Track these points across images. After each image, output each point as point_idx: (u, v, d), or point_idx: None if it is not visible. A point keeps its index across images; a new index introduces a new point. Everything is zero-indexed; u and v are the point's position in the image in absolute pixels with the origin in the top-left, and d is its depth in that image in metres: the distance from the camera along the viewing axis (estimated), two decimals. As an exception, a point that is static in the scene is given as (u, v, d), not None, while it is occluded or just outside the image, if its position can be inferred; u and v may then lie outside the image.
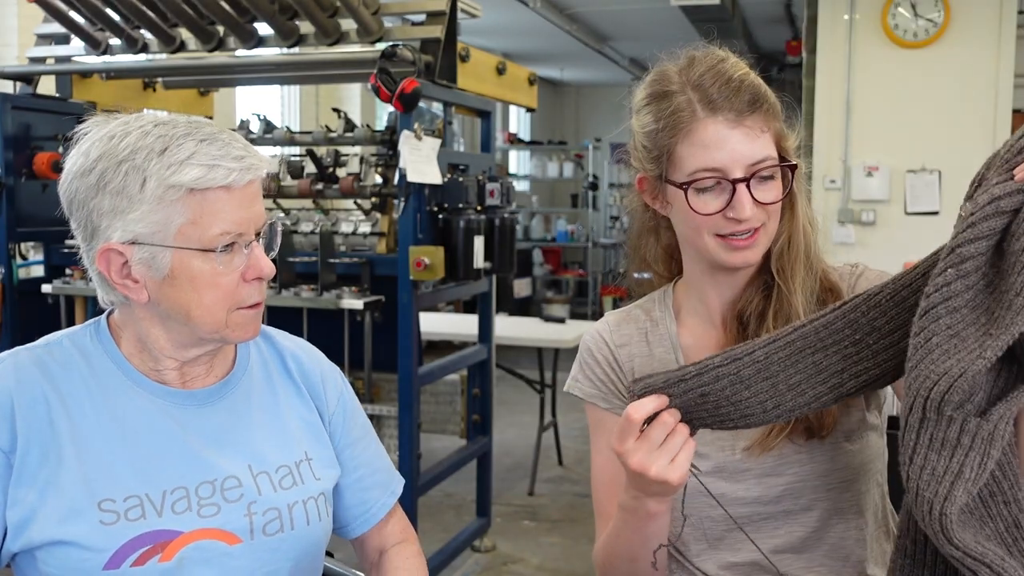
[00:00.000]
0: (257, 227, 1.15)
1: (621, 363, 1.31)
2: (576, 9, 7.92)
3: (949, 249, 0.94)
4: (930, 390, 0.91)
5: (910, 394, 0.93)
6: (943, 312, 0.93)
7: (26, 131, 3.52)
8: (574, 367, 1.36)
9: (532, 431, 5.13)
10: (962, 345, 0.92)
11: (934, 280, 0.94)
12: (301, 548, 1.21)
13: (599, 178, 11.43)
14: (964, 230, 0.93)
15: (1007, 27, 5.28)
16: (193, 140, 1.10)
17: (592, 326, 1.37)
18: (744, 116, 1.15)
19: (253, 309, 1.17)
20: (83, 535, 1.08)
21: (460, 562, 3.85)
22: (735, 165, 1.15)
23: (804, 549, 1.23)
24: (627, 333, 1.33)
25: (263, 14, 3.22)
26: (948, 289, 0.93)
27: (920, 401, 0.92)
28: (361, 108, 7.83)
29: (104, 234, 1.11)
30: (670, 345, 1.30)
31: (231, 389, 1.23)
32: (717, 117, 1.15)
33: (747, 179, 1.15)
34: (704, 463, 1.22)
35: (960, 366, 0.90)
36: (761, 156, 1.16)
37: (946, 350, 0.92)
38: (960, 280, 0.92)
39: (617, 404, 1.30)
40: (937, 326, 0.93)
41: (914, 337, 0.94)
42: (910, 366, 0.94)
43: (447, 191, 3.24)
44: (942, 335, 0.92)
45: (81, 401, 1.14)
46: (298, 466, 1.24)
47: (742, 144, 1.15)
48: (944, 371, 0.91)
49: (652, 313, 1.34)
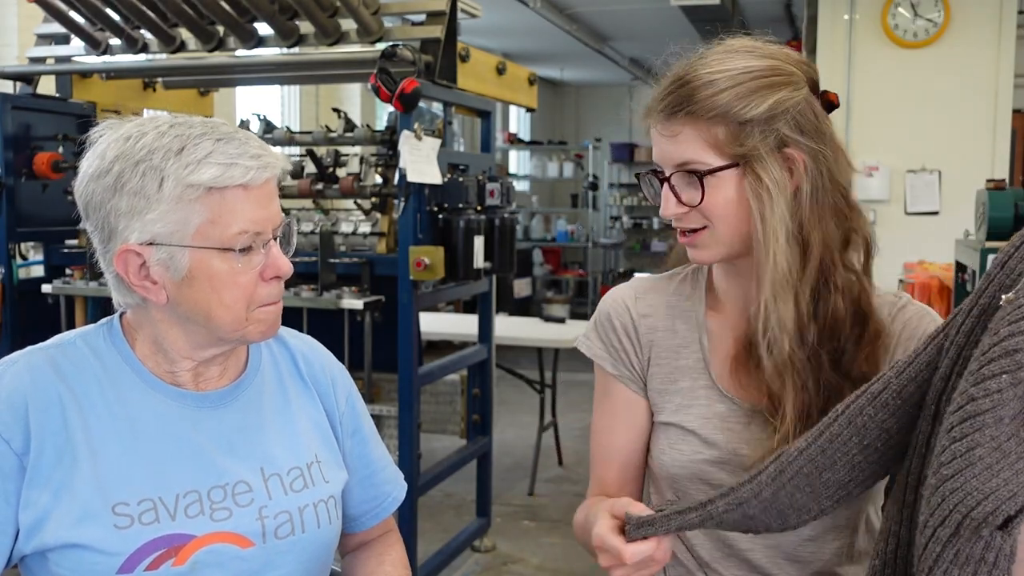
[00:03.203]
0: (275, 226, 1.15)
1: (640, 333, 1.29)
2: (576, 9, 7.92)
3: (1004, 351, 0.87)
4: (972, 508, 0.86)
5: (945, 506, 0.88)
6: (990, 421, 0.87)
7: (26, 131, 3.52)
8: (589, 325, 1.34)
9: (532, 431, 5.13)
10: (1005, 461, 0.87)
11: (984, 383, 0.87)
12: (312, 551, 1.21)
13: (599, 178, 11.44)
14: (1020, 328, 0.86)
15: (1007, 27, 5.29)
16: (210, 139, 1.10)
17: (616, 289, 1.34)
18: (670, 118, 1.16)
19: (273, 307, 1.17)
20: (97, 539, 1.08)
21: (460, 562, 3.85)
22: (663, 163, 1.18)
23: (797, 556, 1.23)
24: (652, 303, 1.31)
25: (263, 14, 3.22)
26: (999, 396, 0.87)
27: (957, 517, 0.87)
28: (361, 108, 7.84)
29: (122, 235, 1.10)
30: (695, 324, 1.28)
31: (243, 391, 1.23)
32: (654, 118, 1.19)
33: (667, 178, 1.17)
34: (709, 451, 1.22)
35: (1008, 488, 0.85)
36: (684, 158, 1.16)
37: (989, 464, 0.86)
38: (1012, 388, 0.86)
39: (625, 374, 1.29)
40: (982, 436, 0.87)
41: (953, 442, 0.88)
42: (947, 473, 0.88)
43: (447, 191, 3.24)
44: (986, 447, 0.87)
45: (95, 402, 1.13)
46: (309, 468, 1.24)
47: (666, 144, 1.17)
48: (991, 490, 0.86)
49: (683, 288, 1.32)
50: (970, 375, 0.89)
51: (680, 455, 1.24)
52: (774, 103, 1.14)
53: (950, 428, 0.89)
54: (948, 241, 3.95)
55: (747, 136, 1.14)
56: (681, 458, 1.24)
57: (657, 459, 1.27)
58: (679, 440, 1.24)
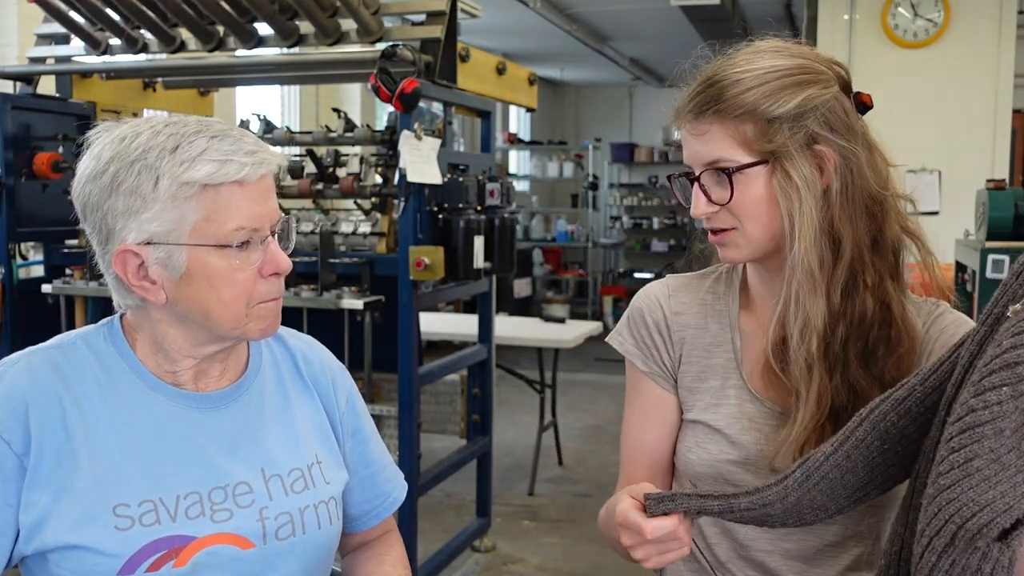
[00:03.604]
0: (272, 222, 1.14)
1: (672, 331, 1.28)
2: (576, 9, 7.92)
3: (1004, 363, 0.87)
4: (967, 519, 0.86)
5: (941, 516, 0.88)
6: (989, 433, 0.87)
7: (26, 131, 3.52)
8: (621, 321, 1.33)
9: (532, 431, 5.13)
10: (1003, 474, 0.87)
11: (984, 395, 0.87)
12: (312, 552, 1.21)
13: (599, 178, 11.44)
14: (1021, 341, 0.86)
15: (1007, 27, 5.29)
16: (204, 137, 1.10)
17: (650, 286, 1.34)
18: (699, 117, 1.17)
19: (272, 303, 1.16)
20: (98, 540, 1.08)
21: (460, 562, 3.85)
22: (693, 163, 1.19)
23: (816, 562, 1.22)
24: (685, 301, 1.30)
25: (263, 14, 3.22)
26: (999, 408, 0.87)
27: (952, 527, 0.87)
28: (361, 108, 7.83)
29: (119, 236, 1.10)
30: (728, 324, 1.27)
31: (244, 391, 1.23)
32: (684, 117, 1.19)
33: (696, 177, 1.18)
34: (735, 451, 1.21)
35: (1005, 500, 0.85)
36: (713, 157, 1.16)
37: (987, 476, 0.86)
38: (1013, 400, 0.86)
39: (656, 371, 1.29)
40: (980, 447, 0.87)
41: (951, 452, 0.88)
42: (944, 483, 0.88)
43: (447, 191, 3.24)
44: (985, 458, 0.87)
45: (95, 403, 1.13)
46: (310, 469, 1.24)
47: (695, 143, 1.18)
48: (987, 502, 0.86)
49: (716, 287, 1.31)
50: (972, 386, 0.89)
51: (706, 454, 1.23)
52: (803, 100, 1.13)
53: (950, 438, 0.89)
54: (948, 241, 3.95)
55: (776, 133, 1.13)
56: (707, 456, 1.23)
57: (683, 456, 1.27)
58: (706, 439, 1.24)
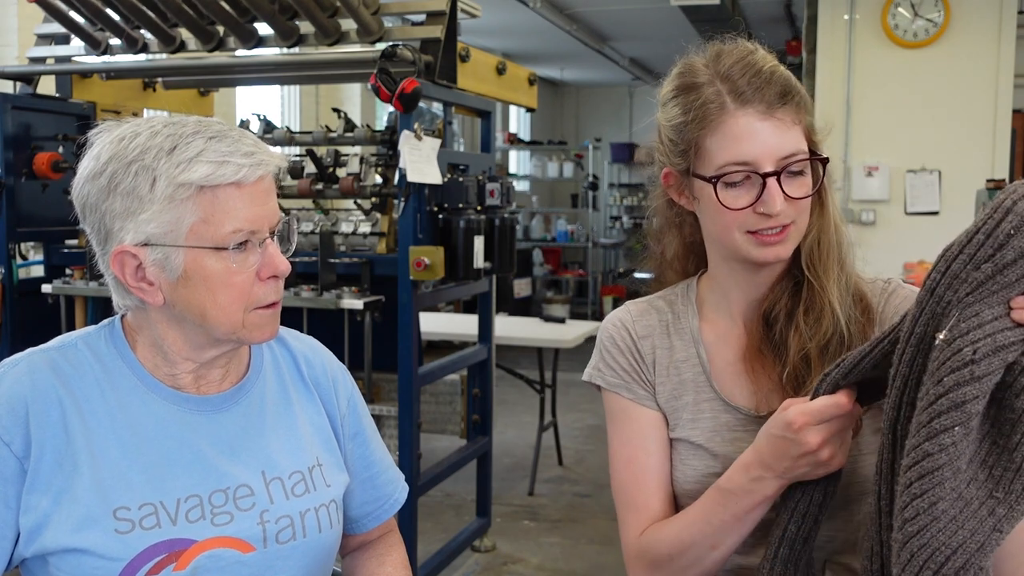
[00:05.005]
0: (271, 224, 1.13)
1: (643, 353, 1.28)
2: (576, 9, 7.92)
3: (952, 404, 0.87)
4: (941, 565, 0.87)
5: (915, 562, 0.89)
6: (948, 475, 0.87)
7: (26, 131, 3.52)
8: (594, 356, 1.32)
9: (532, 431, 5.13)
10: (968, 510, 0.88)
11: (937, 438, 0.88)
12: (313, 555, 1.21)
13: (599, 178, 11.44)
14: (964, 378, 0.87)
15: (1007, 27, 5.29)
16: (202, 138, 1.09)
17: (612, 315, 1.33)
18: (775, 108, 1.12)
19: (270, 309, 1.15)
20: (98, 543, 1.07)
21: (460, 562, 3.85)
22: (765, 158, 1.12)
23: None
24: (649, 324, 1.30)
25: (263, 14, 3.22)
26: (954, 449, 0.87)
27: (928, 574, 0.88)
28: (361, 108, 7.83)
29: (117, 236, 1.10)
30: (691, 339, 1.27)
31: (245, 394, 1.22)
32: (747, 109, 1.12)
33: (778, 173, 1.12)
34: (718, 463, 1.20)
35: (976, 539, 0.87)
36: (792, 150, 1.13)
37: (953, 516, 0.87)
38: (965, 438, 0.87)
39: (641, 395, 1.27)
40: (942, 490, 0.88)
41: (914, 499, 0.89)
42: (911, 530, 0.88)
43: (447, 191, 3.24)
44: (948, 499, 0.88)
45: (95, 406, 1.13)
46: (310, 472, 1.23)
47: (772, 137, 1.12)
48: (958, 544, 0.87)
49: (675, 306, 1.31)
50: (921, 427, 0.89)
51: (692, 471, 1.22)
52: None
53: (909, 484, 0.90)
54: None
55: (810, 128, 1.18)
56: (693, 473, 1.22)
57: (672, 476, 1.26)
58: (689, 455, 1.23)
